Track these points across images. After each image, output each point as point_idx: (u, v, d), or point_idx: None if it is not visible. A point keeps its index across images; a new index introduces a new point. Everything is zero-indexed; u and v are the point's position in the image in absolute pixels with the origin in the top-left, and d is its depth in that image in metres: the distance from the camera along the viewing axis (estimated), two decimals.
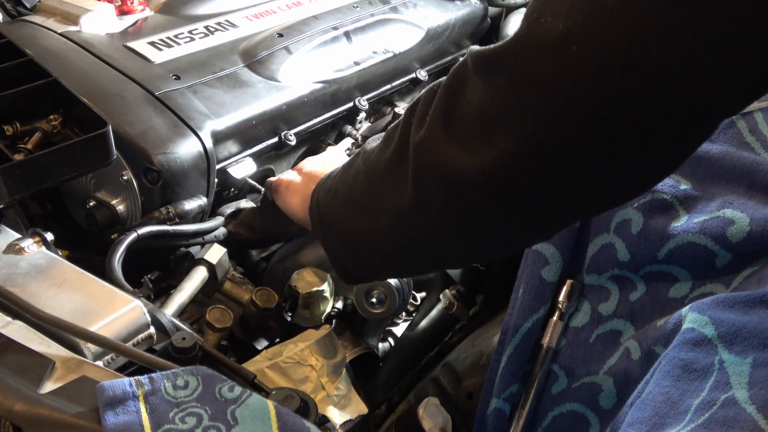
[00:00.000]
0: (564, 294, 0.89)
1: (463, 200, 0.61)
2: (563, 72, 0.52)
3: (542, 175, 0.57)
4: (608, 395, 0.82)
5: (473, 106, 0.59)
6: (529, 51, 0.54)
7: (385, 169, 0.69)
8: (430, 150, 0.62)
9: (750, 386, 0.61)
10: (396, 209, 0.68)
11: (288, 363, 0.89)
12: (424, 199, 0.64)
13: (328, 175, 0.86)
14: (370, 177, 0.73)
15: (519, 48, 0.55)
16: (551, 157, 0.56)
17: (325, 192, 0.84)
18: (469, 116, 0.59)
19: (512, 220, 0.62)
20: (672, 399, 0.66)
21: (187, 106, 1.04)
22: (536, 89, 0.54)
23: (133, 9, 1.23)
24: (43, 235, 0.83)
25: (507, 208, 0.60)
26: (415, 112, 0.67)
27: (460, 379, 1.07)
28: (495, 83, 0.57)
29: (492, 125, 0.57)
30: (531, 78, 0.54)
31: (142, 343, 0.75)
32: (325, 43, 1.27)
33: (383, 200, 0.70)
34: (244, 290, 1.05)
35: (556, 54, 0.53)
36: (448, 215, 0.63)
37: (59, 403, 0.62)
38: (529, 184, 0.58)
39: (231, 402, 0.62)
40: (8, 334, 0.69)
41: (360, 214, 0.75)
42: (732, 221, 0.77)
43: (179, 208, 0.99)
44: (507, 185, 0.58)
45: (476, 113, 0.58)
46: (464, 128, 0.59)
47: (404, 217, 0.68)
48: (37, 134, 0.88)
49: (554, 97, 0.53)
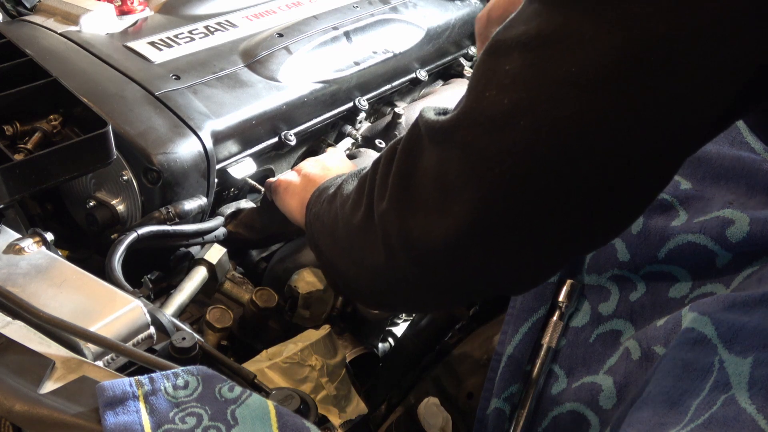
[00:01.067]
0: (564, 294, 0.89)
1: (430, 265, 0.62)
2: (513, 146, 0.53)
3: (503, 239, 0.57)
4: (608, 395, 0.82)
5: (429, 176, 0.60)
6: (478, 126, 0.55)
7: (358, 227, 0.70)
8: (393, 221, 0.63)
9: (750, 386, 0.61)
10: (373, 263, 0.68)
11: (288, 363, 0.89)
12: (395, 262, 0.65)
13: (320, 193, 0.86)
14: (347, 228, 0.73)
15: (467, 123, 0.56)
16: (509, 222, 0.56)
17: (314, 215, 0.85)
18: (426, 185, 0.60)
19: (481, 279, 0.63)
20: (672, 399, 0.66)
21: (187, 106, 1.04)
22: (488, 162, 0.54)
23: (133, 9, 1.23)
24: (43, 235, 0.83)
25: (474, 269, 0.61)
26: (378, 173, 0.67)
27: (460, 379, 1.06)
28: (448, 155, 0.58)
29: (449, 194, 0.57)
30: (482, 152, 0.55)
31: (142, 343, 0.75)
32: (325, 43, 1.27)
33: (362, 253, 0.70)
34: (244, 290, 1.05)
35: (504, 129, 0.53)
36: (420, 277, 0.64)
37: (59, 403, 0.62)
38: (491, 248, 0.58)
39: (231, 402, 0.62)
40: (8, 334, 0.68)
41: (343, 255, 0.75)
42: (732, 221, 0.77)
43: (179, 208, 0.99)
44: (470, 250, 0.59)
45: (433, 182, 0.59)
46: (423, 198, 0.60)
47: (381, 272, 0.68)
48: (37, 134, 0.88)
49: (507, 168, 0.54)
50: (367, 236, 0.67)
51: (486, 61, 0.56)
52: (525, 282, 0.66)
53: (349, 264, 0.74)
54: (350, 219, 0.72)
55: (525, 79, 0.52)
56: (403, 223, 0.61)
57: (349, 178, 0.83)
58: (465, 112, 0.56)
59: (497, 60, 0.54)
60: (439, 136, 0.59)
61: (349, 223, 0.71)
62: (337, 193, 0.81)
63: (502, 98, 0.53)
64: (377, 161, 0.69)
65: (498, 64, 0.54)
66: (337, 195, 0.80)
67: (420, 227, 0.60)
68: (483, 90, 0.54)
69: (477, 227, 0.57)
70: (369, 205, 0.68)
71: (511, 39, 0.53)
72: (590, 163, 0.52)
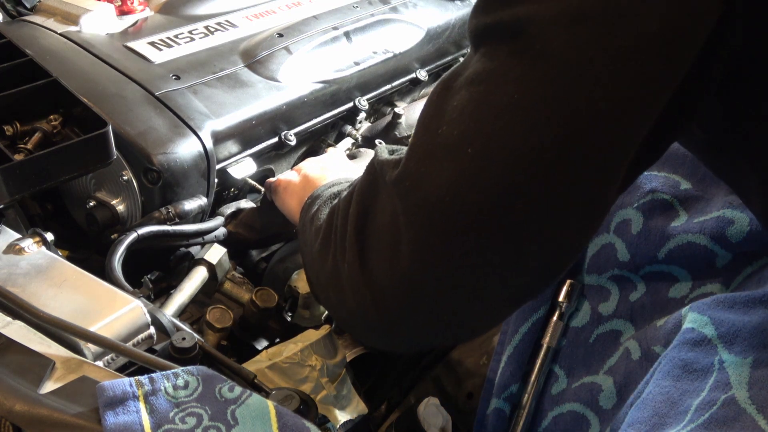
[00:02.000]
0: (564, 294, 0.89)
1: (393, 310, 0.62)
2: (461, 174, 0.54)
3: (454, 275, 0.57)
4: (608, 395, 0.82)
5: (384, 217, 0.61)
6: (430, 158, 0.56)
7: (327, 272, 0.70)
8: (353, 263, 0.63)
9: (750, 386, 0.61)
10: (342, 303, 0.69)
11: (288, 363, 0.89)
12: (363, 307, 0.65)
13: (311, 202, 0.86)
14: (318, 265, 0.73)
15: (418, 157, 0.57)
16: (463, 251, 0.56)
17: (301, 227, 0.85)
18: (382, 225, 0.61)
19: (441, 325, 0.62)
20: (672, 399, 0.66)
21: (187, 106, 1.04)
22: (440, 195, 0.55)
23: (133, 9, 1.23)
24: (43, 235, 0.83)
25: (430, 310, 0.61)
26: (339, 213, 0.68)
27: (460, 379, 1.07)
28: (400, 192, 0.59)
29: (400, 234, 0.58)
30: (431, 188, 0.56)
31: (142, 343, 0.75)
32: (325, 43, 1.27)
33: (331, 292, 0.70)
34: (244, 290, 1.05)
35: (456, 159, 0.55)
36: (385, 321, 0.64)
37: (59, 403, 0.62)
38: (446, 293, 0.58)
39: (231, 402, 0.62)
40: (8, 334, 0.69)
41: (319, 287, 0.75)
42: (732, 221, 0.77)
43: (179, 208, 0.99)
44: (424, 296, 0.59)
45: (388, 223, 0.60)
46: (378, 239, 0.61)
47: (350, 312, 0.68)
48: (37, 134, 0.88)
49: (457, 199, 0.55)
50: (337, 280, 0.67)
51: (435, 101, 0.58)
52: (479, 328, 0.66)
53: (323, 295, 0.73)
54: (319, 258, 0.72)
55: (471, 110, 0.55)
56: (362, 265, 0.62)
57: (328, 200, 0.83)
58: (415, 148, 0.58)
59: (446, 99, 0.57)
60: (392, 175, 0.60)
61: (320, 262, 0.72)
62: (315, 216, 0.80)
63: (452, 130, 0.55)
64: (344, 200, 0.70)
65: (447, 103, 0.56)
66: (314, 220, 0.79)
67: (377, 268, 0.61)
68: (436, 127, 0.57)
69: (429, 264, 0.57)
70: (333, 248, 0.68)
71: (459, 79, 0.57)
72: (538, 189, 0.53)
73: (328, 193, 0.85)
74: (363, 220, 0.63)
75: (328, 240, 0.70)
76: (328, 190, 0.87)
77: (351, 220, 0.64)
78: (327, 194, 0.85)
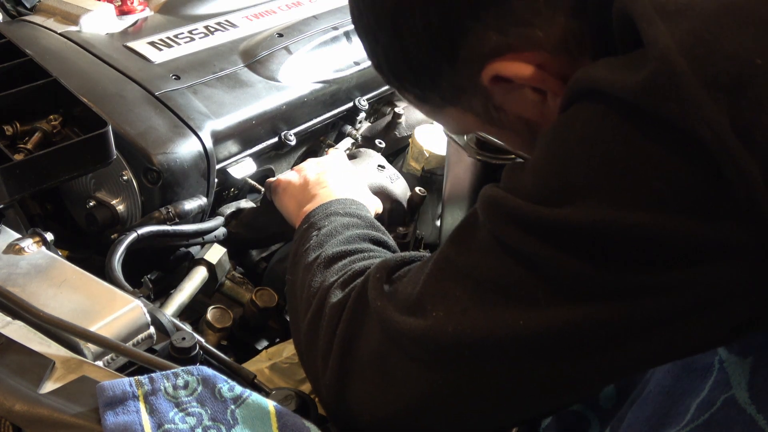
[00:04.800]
0: None
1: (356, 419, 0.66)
2: (458, 373, 0.59)
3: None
4: (608, 395, 0.82)
5: (371, 356, 0.64)
6: (425, 345, 0.60)
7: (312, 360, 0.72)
8: (333, 385, 0.67)
9: (750, 386, 0.61)
10: (319, 393, 0.72)
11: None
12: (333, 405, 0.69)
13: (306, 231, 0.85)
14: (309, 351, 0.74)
15: (415, 340, 0.60)
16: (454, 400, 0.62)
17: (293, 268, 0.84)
18: (363, 361, 0.65)
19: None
20: (672, 399, 0.66)
21: (187, 106, 1.04)
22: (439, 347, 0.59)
23: (133, 9, 1.23)
24: (43, 235, 0.83)
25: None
26: (325, 323, 0.69)
27: None
28: (391, 337, 0.63)
29: (390, 378, 0.63)
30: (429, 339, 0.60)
31: (142, 343, 0.75)
32: (325, 43, 1.27)
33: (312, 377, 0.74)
34: (244, 290, 1.05)
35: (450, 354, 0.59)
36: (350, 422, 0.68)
37: (59, 403, 0.62)
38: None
39: (231, 402, 0.62)
40: (8, 334, 0.69)
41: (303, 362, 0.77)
42: None
43: (179, 208, 0.99)
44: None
45: (370, 361, 0.64)
46: (361, 377, 0.65)
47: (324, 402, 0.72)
48: (37, 134, 0.88)
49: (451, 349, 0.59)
50: (310, 353, 0.71)
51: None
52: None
53: (304, 365, 0.76)
54: (305, 340, 0.73)
55: (476, 313, 0.57)
56: (339, 390, 0.66)
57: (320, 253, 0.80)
58: (412, 330, 0.60)
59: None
60: (400, 338, 0.62)
61: (306, 345, 0.73)
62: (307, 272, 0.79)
63: (447, 326, 0.58)
64: (319, 316, 0.71)
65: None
66: (305, 280, 0.78)
67: (354, 398, 0.65)
68: (431, 309, 0.60)
69: (410, 414, 0.63)
70: (314, 376, 0.71)
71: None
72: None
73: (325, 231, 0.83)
74: (348, 344, 0.66)
75: (316, 332, 0.71)
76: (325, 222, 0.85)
77: (335, 356, 0.67)
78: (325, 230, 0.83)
